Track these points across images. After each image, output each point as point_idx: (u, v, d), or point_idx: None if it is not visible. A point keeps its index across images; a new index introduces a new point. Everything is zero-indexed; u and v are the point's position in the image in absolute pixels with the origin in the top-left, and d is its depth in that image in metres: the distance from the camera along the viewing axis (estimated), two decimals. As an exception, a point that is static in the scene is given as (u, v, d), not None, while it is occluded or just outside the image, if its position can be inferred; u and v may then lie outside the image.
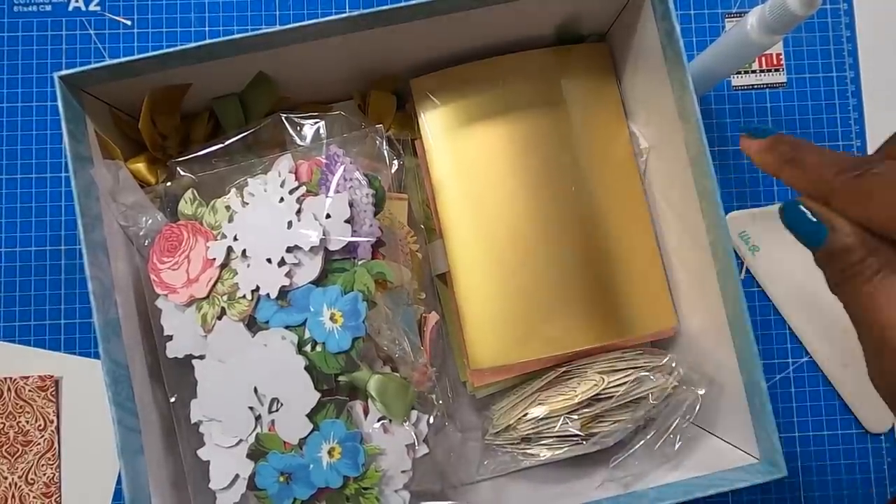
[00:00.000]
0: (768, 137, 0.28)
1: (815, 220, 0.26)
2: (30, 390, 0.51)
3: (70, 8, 0.55)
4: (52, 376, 0.51)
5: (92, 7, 0.55)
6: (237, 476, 0.39)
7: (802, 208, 0.26)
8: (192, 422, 0.40)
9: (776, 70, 0.56)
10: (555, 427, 0.44)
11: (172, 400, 0.41)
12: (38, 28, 0.54)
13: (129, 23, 0.55)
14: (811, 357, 0.54)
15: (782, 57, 0.56)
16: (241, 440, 0.39)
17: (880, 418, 0.53)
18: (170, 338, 0.40)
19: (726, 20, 0.56)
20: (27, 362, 0.52)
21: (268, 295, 0.38)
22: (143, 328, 0.42)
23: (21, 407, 0.51)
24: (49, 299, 0.52)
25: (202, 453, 0.40)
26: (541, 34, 0.47)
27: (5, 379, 0.51)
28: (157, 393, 0.42)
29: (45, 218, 0.53)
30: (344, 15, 0.39)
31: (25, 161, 0.53)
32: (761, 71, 0.56)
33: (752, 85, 0.56)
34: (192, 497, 0.41)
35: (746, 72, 0.56)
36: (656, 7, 0.41)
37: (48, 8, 0.55)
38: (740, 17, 0.52)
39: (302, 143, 0.44)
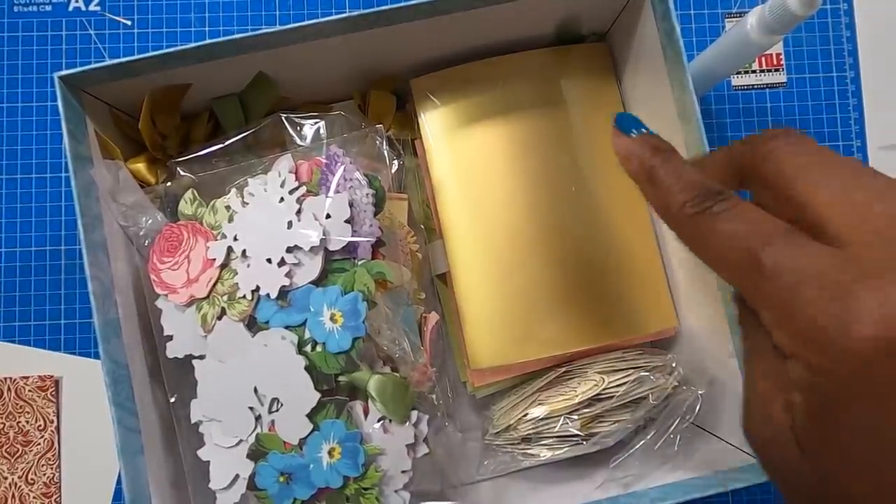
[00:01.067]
0: (635, 136, 0.26)
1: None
2: (30, 390, 0.51)
3: (70, 8, 0.55)
4: (52, 376, 0.51)
5: (92, 7, 0.55)
6: (237, 476, 0.39)
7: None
8: (192, 422, 0.40)
9: (776, 70, 0.56)
10: (555, 427, 0.44)
11: (172, 400, 0.41)
12: (38, 28, 0.54)
13: (129, 23, 0.55)
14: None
15: (782, 57, 0.57)
16: (241, 440, 0.39)
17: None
18: (170, 338, 0.40)
19: (726, 20, 0.56)
20: (27, 362, 0.52)
21: (268, 295, 0.38)
22: (143, 328, 0.42)
23: (21, 407, 0.51)
24: (49, 299, 0.52)
25: (202, 453, 0.40)
26: (541, 34, 0.47)
27: (5, 379, 0.51)
28: (157, 393, 0.42)
29: (45, 218, 0.53)
30: (344, 15, 0.39)
31: (25, 161, 0.53)
32: (761, 71, 0.56)
33: (752, 85, 0.56)
34: (192, 497, 0.41)
35: (746, 72, 0.56)
36: (656, 7, 0.41)
37: (48, 8, 0.55)
38: (740, 17, 0.52)
39: (302, 143, 0.44)
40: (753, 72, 0.56)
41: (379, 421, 0.39)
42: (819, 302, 0.19)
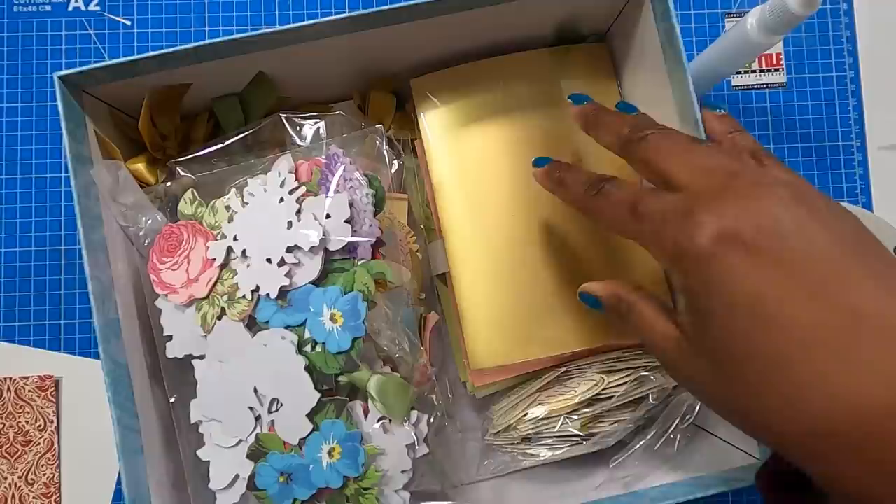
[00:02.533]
0: (545, 167, 0.38)
1: (588, 296, 0.37)
2: (29, 390, 0.51)
3: (70, 8, 0.55)
4: (51, 376, 0.51)
5: (92, 7, 0.55)
6: (237, 476, 0.39)
7: (582, 293, 0.38)
8: (192, 422, 0.40)
9: (776, 70, 0.56)
10: (555, 427, 0.44)
11: (172, 400, 0.41)
12: (38, 28, 0.54)
13: (128, 23, 0.55)
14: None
15: (782, 57, 0.57)
16: (240, 440, 0.39)
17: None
18: (170, 338, 0.41)
19: (726, 20, 0.56)
20: (27, 362, 0.52)
21: (267, 295, 0.38)
22: (143, 328, 0.42)
23: (21, 407, 0.51)
24: (49, 299, 0.52)
25: (202, 453, 0.40)
26: (541, 34, 0.47)
27: (5, 379, 0.51)
28: (157, 393, 0.42)
29: (45, 218, 0.53)
30: (344, 15, 0.39)
31: (25, 161, 0.53)
32: (761, 71, 0.56)
33: (752, 85, 0.56)
34: (192, 497, 0.41)
35: (746, 72, 0.56)
36: (656, 7, 0.41)
37: (48, 8, 0.55)
38: (740, 17, 0.52)
39: (302, 143, 0.44)
40: (753, 72, 0.56)
41: (379, 421, 0.39)
42: (675, 226, 0.27)
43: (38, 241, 0.53)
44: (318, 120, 0.44)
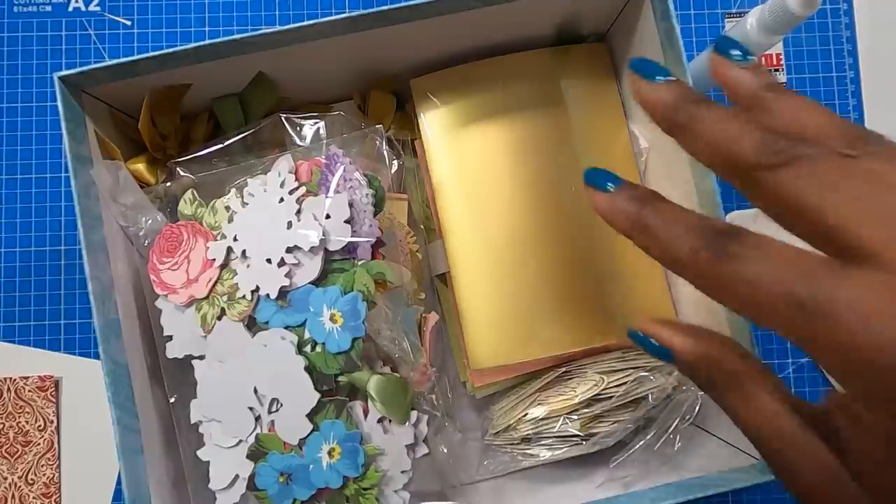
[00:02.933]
0: (613, 190, 0.23)
1: (656, 344, 0.23)
2: (29, 391, 0.51)
3: (70, 8, 0.55)
4: (51, 376, 0.51)
5: (92, 7, 0.55)
6: (237, 476, 0.39)
7: (642, 335, 0.23)
8: (192, 422, 0.40)
9: (776, 70, 0.56)
10: (555, 427, 0.44)
11: (172, 400, 0.41)
12: (38, 28, 0.54)
13: (128, 23, 0.55)
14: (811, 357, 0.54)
15: (782, 57, 0.56)
16: (240, 440, 0.39)
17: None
18: (170, 338, 0.41)
19: (726, 20, 0.56)
20: (27, 362, 0.52)
21: (267, 295, 0.38)
22: (143, 328, 0.42)
23: (21, 407, 0.51)
24: (49, 299, 0.52)
25: (202, 453, 0.40)
26: (541, 34, 0.47)
27: (5, 379, 0.51)
28: (157, 393, 0.42)
29: (45, 218, 0.53)
30: (344, 15, 0.39)
31: (25, 161, 0.53)
32: None
33: None
34: (191, 497, 0.41)
35: None
36: (656, 7, 0.41)
37: (48, 8, 0.55)
38: (740, 17, 0.52)
39: (302, 144, 0.44)
40: None
41: (379, 421, 0.39)
42: (889, 338, 0.16)
43: (38, 241, 0.53)
44: (317, 120, 0.44)
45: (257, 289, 0.39)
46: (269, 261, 0.39)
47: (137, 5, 0.55)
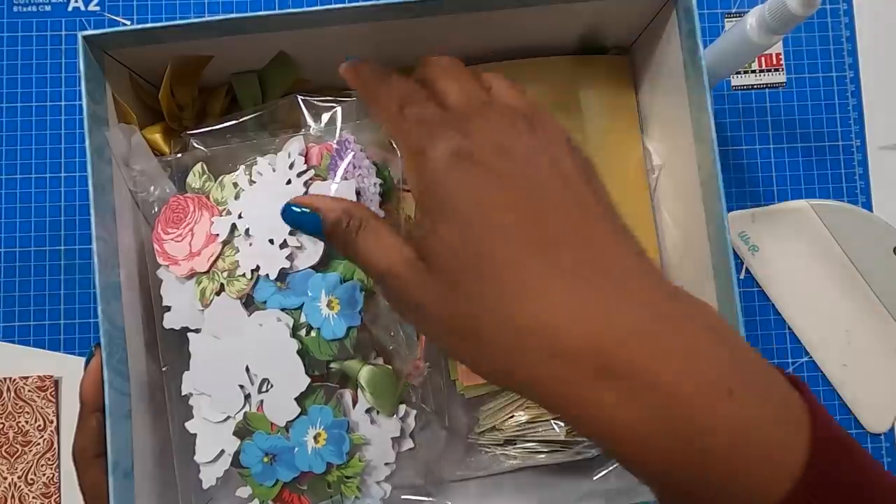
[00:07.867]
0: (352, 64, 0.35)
1: (305, 210, 0.29)
2: (29, 390, 0.51)
3: (70, 8, 0.54)
4: (51, 376, 0.51)
5: (92, 7, 0.55)
6: (223, 451, 0.39)
7: (292, 206, 0.30)
8: (183, 394, 0.40)
9: (776, 70, 0.56)
10: (538, 431, 0.44)
11: (165, 369, 0.41)
12: (37, 28, 0.54)
13: (128, 23, 0.54)
14: (811, 357, 0.54)
15: (782, 57, 0.56)
16: (228, 417, 0.39)
17: (880, 418, 0.53)
18: (168, 308, 0.41)
19: (726, 20, 0.56)
20: (27, 362, 0.52)
21: (267, 275, 0.39)
22: (143, 297, 0.42)
23: (20, 407, 0.51)
24: (49, 299, 0.52)
25: (190, 426, 0.40)
26: (564, 42, 0.47)
27: (5, 379, 0.51)
28: (151, 363, 0.42)
29: (45, 218, 0.53)
30: (371, 2, 0.39)
31: (25, 161, 0.53)
32: (761, 71, 0.56)
33: (752, 85, 0.56)
34: (176, 467, 0.41)
35: (746, 72, 0.56)
36: (682, 25, 0.40)
37: (48, 8, 0.54)
38: (740, 17, 0.52)
39: (316, 127, 0.44)
40: (753, 72, 0.56)
41: (367, 411, 0.39)
42: (424, 132, 0.27)
43: (38, 241, 0.53)
44: (334, 105, 0.44)
45: (257, 268, 0.39)
46: (271, 241, 0.39)
47: (137, 5, 0.55)
